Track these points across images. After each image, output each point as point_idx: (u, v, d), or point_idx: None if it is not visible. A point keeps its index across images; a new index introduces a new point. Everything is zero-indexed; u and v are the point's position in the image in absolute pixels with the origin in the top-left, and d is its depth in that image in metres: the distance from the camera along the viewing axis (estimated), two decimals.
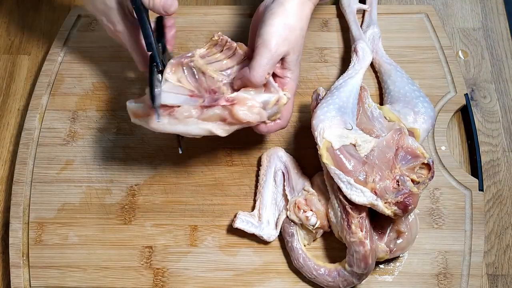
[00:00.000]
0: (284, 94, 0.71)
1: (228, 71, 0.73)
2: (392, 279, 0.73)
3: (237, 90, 0.71)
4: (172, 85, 0.70)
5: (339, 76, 0.82)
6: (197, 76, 0.72)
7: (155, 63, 0.70)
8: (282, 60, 0.70)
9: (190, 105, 0.68)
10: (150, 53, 0.71)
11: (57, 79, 0.87)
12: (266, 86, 0.71)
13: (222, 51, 0.74)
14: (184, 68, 0.72)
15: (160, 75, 0.71)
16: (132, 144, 0.82)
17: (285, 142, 0.82)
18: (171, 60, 0.72)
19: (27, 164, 0.81)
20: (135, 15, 0.73)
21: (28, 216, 0.77)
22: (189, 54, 0.72)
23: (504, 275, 0.76)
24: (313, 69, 0.88)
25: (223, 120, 0.68)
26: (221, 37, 0.73)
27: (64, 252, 0.75)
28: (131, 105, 0.70)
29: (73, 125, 0.84)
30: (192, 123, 0.68)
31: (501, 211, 0.80)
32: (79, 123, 0.84)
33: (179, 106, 0.68)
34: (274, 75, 0.72)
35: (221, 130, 0.69)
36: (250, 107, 0.69)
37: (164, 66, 0.71)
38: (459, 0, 0.96)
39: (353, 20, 0.89)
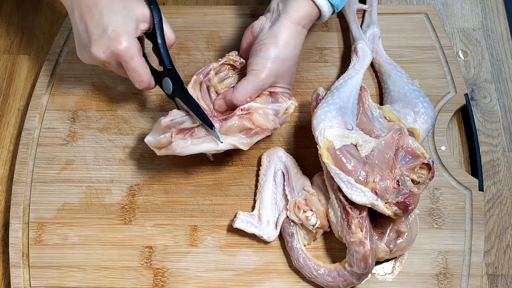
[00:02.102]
0: (292, 103, 0.76)
1: None
2: (392, 279, 0.73)
3: (217, 110, 0.76)
4: None
5: (339, 76, 0.82)
6: (212, 95, 0.78)
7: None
8: (272, 86, 0.75)
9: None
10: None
11: (57, 79, 0.87)
12: (273, 97, 0.76)
13: (234, 68, 0.79)
14: (201, 86, 0.77)
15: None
16: (132, 144, 0.82)
17: (285, 142, 0.82)
18: (194, 77, 0.77)
19: (27, 164, 0.80)
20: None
21: (28, 216, 0.77)
22: (206, 71, 0.77)
23: (504, 275, 0.76)
24: (313, 69, 0.88)
25: (243, 130, 0.72)
26: (240, 59, 0.78)
27: (64, 252, 0.75)
28: (151, 140, 0.73)
29: (73, 125, 0.84)
30: (215, 139, 0.71)
31: (501, 211, 0.80)
32: (79, 123, 0.84)
33: (198, 126, 0.72)
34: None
35: (243, 144, 0.72)
36: (265, 114, 0.73)
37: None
38: (459, 0, 0.96)
39: (353, 20, 0.89)
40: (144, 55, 0.75)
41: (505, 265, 0.76)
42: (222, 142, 0.70)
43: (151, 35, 0.74)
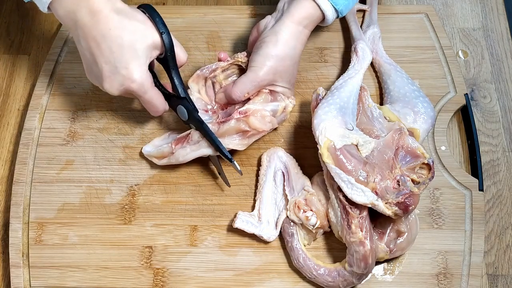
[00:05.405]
0: (290, 102, 0.78)
1: None
2: (392, 279, 0.73)
3: (218, 102, 0.79)
4: (194, 98, 0.77)
5: (339, 76, 0.82)
6: (215, 90, 0.80)
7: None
8: (272, 85, 0.76)
9: (207, 123, 0.75)
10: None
11: (57, 79, 0.87)
12: (273, 95, 0.77)
13: (241, 68, 0.80)
14: (206, 81, 0.79)
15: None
16: (132, 144, 0.82)
17: (285, 142, 0.82)
18: (197, 71, 0.79)
19: (27, 164, 0.80)
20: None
21: (28, 216, 0.77)
22: (213, 68, 0.79)
23: (504, 275, 0.76)
24: (313, 69, 0.88)
25: (240, 132, 0.74)
26: (247, 60, 0.78)
27: (64, 252, 0.75)
28: (150, 151, 0.78)
29: (73, 125, 0.84)
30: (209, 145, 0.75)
31: (501, 211, 0.80)
32: (79, 123, 0.84)
33: (190, 132, 0.75)
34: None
35: (240, 145, 0.75)
36: (262, 116, 0.75)
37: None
38: (459, 0, 0.97)
39: (353, 20, 0.89)
40: (155, 77, 0.76)
41: (505, 265, 0.76)
42: (241, 174, 0.76)
43: (163, 60, 0.74)
